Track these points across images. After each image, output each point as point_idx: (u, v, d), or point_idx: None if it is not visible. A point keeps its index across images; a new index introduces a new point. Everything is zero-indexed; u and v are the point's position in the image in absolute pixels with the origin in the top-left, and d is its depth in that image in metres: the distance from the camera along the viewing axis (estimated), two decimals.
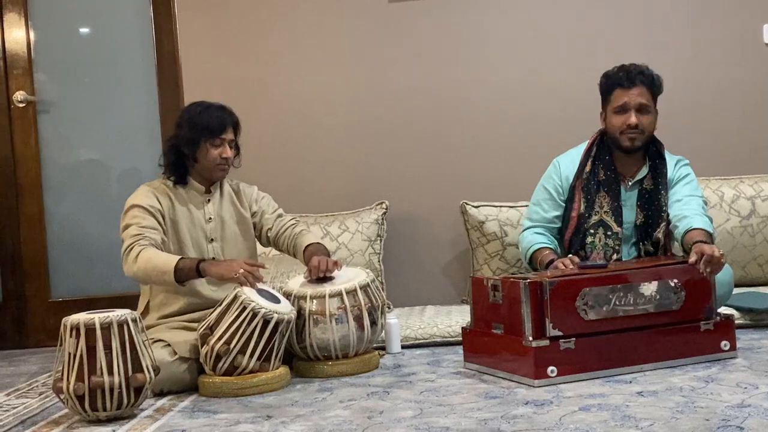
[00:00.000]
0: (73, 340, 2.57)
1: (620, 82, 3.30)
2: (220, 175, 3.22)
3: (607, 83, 3.34)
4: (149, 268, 3.00)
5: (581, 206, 3.33)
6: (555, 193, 3.41)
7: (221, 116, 3.18)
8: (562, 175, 3.40)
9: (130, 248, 3.04)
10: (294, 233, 3.32)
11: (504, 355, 2.81)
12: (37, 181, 4.44)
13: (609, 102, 3.33)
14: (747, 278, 3.90)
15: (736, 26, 4.23)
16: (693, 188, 3.32)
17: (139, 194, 3.17)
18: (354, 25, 4.37)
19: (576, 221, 3.34)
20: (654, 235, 3.29)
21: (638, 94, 3.27)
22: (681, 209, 3.22)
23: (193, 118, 3.17)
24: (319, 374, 3.03)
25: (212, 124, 3.15)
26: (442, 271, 4.32)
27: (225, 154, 3.17)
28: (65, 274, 4.48)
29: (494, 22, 4.32)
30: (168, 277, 2.98)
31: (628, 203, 3.33)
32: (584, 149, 3.40)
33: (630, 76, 3.28)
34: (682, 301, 2.85)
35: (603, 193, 3.32)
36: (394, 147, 4.34)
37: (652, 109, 3.31)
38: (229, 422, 2.50)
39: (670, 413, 2.25)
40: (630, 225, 3.32)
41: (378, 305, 3.13)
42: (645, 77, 3.29)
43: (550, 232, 3.41)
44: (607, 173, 3.33)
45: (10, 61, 4.42)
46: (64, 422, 2.64)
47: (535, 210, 3.46)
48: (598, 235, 3.30)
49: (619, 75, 3.31)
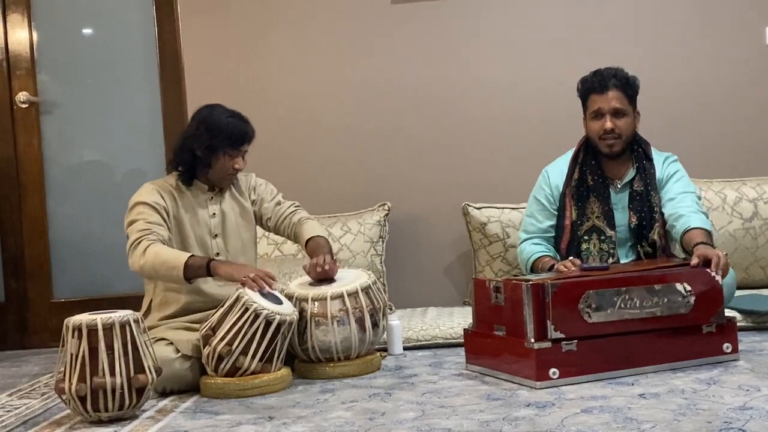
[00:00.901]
0: (76, 341, 2.57)
1: (594, 87, 3.30)
2: (227, 184, 3.24)
3: (583, 89, 3.36)
4: (157, 263, 2.98)
5: (573, 214, 3.34)
6: (547, 203, 3.42)
7: (245, 129, 3.17)
8: (552, 185, 3.41)
9: (138, 242, 3.02)
10: (293, 222, 3.31)
11: (506, 357, 2.81)
12: (39, 182, 4.45)
13: (586, 108, 3.35)
14: (749, 280, 3.89)
15: (738, 28, 4.23)
16: (684, 184, 3.31)
17: (143, 192, 3.16)
18: (357, 26, 4.37)
19: (569, 229, 3.34)
20: (650, 236, 3.29)
21: (612, 98, 3.27)
22: (676, 208, 3.22)
23: (217, 124, 3.13)
24: (320, 376, 3.03)
25: (236, 136, 3.14)
26: (444, 273, 4.32)
27: (238, 165, 3.17)
28: (68, 275, 4.48)
29: (499, 24, 4.32)
30: (177, 273, 2.96)
31: (619, 206, 3.33)
32: (571, 156, 3.41)
33: (603, 81, 3.28)
34: (691, 306, 2.84)
35: (593, 198, 3.32)
36: (397, 148, 4.34)
37: (629, 112, 3.30)
38: (230, 423, 2.50)
39: (672, 415, 2.25)
40: (624, 228, 3.32)
41: (380, 307, 3.13)
42: (618, 80, 3.28)
43: (548, 241, 3.42)
44: (595, 178, 3.34)
45: (13, 62, 4.43)
46: (66, 423, 2.64)
47: (530, 222, 3.46)
48: (593, 241, 3.30)
49: (593, 80, 3.32)
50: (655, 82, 4.18)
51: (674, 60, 4.22)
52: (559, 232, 3.39)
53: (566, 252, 3.34)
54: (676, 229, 3.16)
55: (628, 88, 3.29)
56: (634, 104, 3.33)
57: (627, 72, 3.32)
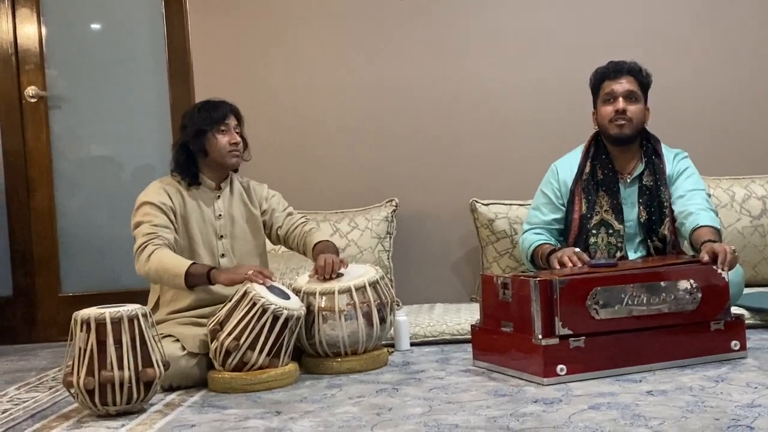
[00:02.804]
0: (84, 335, 2.57)
1: (608, 73, 3.37)
2: (233, 162, 3.23)
3: (596, 77, 3.41)
4: (161, 270, 3.01)
5: (582, 207, 3.35)
6: (554, 197, 3.43)
7: (219, 105, 3.23)
8: (560, 180, 3.43)
9: (143, 247, 3.05)
10: (303, 231, 3.32)
11: (513, 353, 2.81)
12: (48, 177, 4.46)
13: (599, 95, 3.39)
14: (757, 278, 3.88)
15: (747, 26, 4.21)
16: (694, 182, 3.31)
17: (150, 191, 3.17)
18: (367, 23, 4.37)
19: (578, 223, 3.35)
20: (660, 231, 3.29)
21: (626, 82, 3.33)
22: (685, 205, 3.22)
23: (194, 114, 3.23)
24: (328, 371, 3.04)
25: (213, 113, 3.20)
26: (452, 269, 4.32)
27: (234, 139, 3.20)
28: (75, 269, 4.49)
29: (508, 20, 4.32)
30: (179, 281, 3.00)
31: (628, 200, 3.33)
32: (582, 151, 3.43)
33: (618, 67, 3.36)
34: (698, 302, 2.83)
35: (602, 192, 3.34)
36: (404, 144, 4.34)
37: (641, 99, 3.34)
38: (238, 418, 2.51)
39: (680, 412, 2.25)
40: (633, 223, 3.32)
41: (387, 302, 3.13)
42: (632, 68, 3.35)
43: (549, 233, 3.43)
44: (605, 172, 3.35)
45: (22, 57, 4.44)
46: (74, 416, 2.65)
47: (534, 214, 3.48)
48: (601, 235, 3.31)
49: (607, 67, 3.39)
50: (665, 79, 4.17)
51: (683, 56, 4.21)
52: (567, 226, 3.39)
53: (574, 246, 3.33)
54: (686, 226, 3.16)
55: (641, 77, 3.35)
56: (645, 96, 3.36)
57: (642, 65, 3.37)
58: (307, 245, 3.30)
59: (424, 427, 2.27)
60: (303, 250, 3.33)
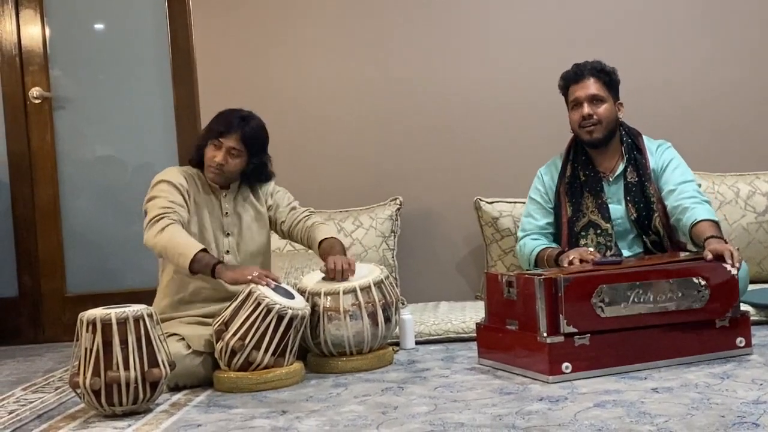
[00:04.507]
0: (90, 335, 2.58)
1: (572, 78, 3.36)
2: (209, 176, 3.19)
3: (563, 83, 3.41)
4: (170, 245, 2.97)
5: (568, 211, 3.37)
6: (543, 202, 3.46)
7: (231, 121, 3.14)
8: (546, 184, 3.46)
9: (158, 218, 3.02)
10: (306, 227, 3.32)
11: (518, 351, 2.81)
12: (52, 177, 4.47)
13: (568, 100, 3.39)
14: (763, 274, 3.88)
15: (752, 21, 4.21)
16: (682, 172, 3.30)
17: (168, 172, 3.19)
18: (370, 21, 4.37)
19: (567, 226, 3.37)
20: (652, 225, 3.29)
21: (589, 85, 3.32)
22: (678, 200, 3.21)
23: (212, 119, 3.22)
24: (333, 370, 3.04)
25: (218, 124, 3.16)
26: (456, 267, 4.32)
27: (217, 157, 3.12)
28: (81, 270, 4.50)
29: (511, 17, 4.32)
30: (183, 261, 2.95)
31: (614, 198, 3.34)
32: (563, 155, 3.44)
33: (579, 71, 3.36)
34: (706, 300, 2.83)
35: (587, 193, 3.36)
36: (409, 143, 4.34)
37: (608, 99, 3.33)
38: (244, 417, 2.51)
39: (685, 409, 2.25)
40: (622, 220, 3.32)
41: (392, 301, 3.13)
42: (594, 69, 3.34)
43: (546, 237, 3.44)
44: (586, 173, 3.37)
45: (26, 57, 4.45)
46: (81, 417, 2.66)
47: (527, 221, 3.50)
48: (590, 236, 3.32)
49: (570, 72, 3.38)
50: (667, 76, 4.18)
51: (688, 51, 4.21)
52: (557, 229, 3.41)
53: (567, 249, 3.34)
54: (683, 222, 3.16)
55: (605, 76, 3.33)
56: (614, 93, 3.35)
57: (605, 64, 3.36)
58: (311, 242, 3.29)
59: (430, 425, 2.28)
60: (308, 245, 3.33)
